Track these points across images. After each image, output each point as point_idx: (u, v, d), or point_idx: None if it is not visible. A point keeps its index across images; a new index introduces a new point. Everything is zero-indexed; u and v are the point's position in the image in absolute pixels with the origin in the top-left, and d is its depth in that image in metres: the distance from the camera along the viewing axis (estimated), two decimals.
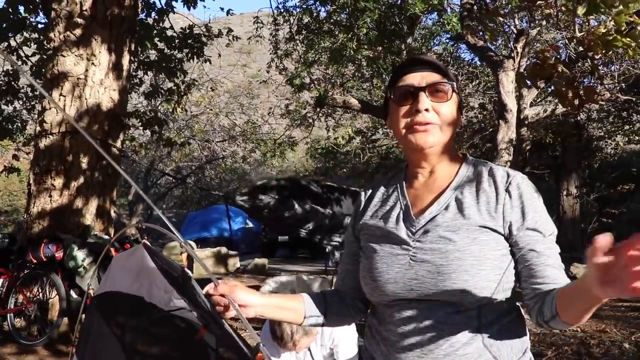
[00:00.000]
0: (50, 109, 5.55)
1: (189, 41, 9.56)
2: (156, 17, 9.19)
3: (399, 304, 1.32)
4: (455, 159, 1.41)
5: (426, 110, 1.31)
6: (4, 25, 8.12)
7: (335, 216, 8.75)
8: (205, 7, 32.04)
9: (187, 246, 1.50)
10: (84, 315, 2.08)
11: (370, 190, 1.53)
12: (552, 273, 1.24)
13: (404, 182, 1.45)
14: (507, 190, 1.29)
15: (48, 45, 5.87)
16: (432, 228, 1.31)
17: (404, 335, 1.29)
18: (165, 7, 9.13)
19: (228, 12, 11.05)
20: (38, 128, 5.78)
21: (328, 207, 9.59)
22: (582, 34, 4.10)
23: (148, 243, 1.73)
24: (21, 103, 10.37)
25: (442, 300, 1.24)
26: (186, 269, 1.54)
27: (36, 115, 3.51)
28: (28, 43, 8.93)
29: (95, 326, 1.96)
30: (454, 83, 1.37)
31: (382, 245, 1.37)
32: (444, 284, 1.22)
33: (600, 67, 9.39)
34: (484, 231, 1.26)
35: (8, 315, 5.31)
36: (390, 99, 1.40)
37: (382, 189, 1.50)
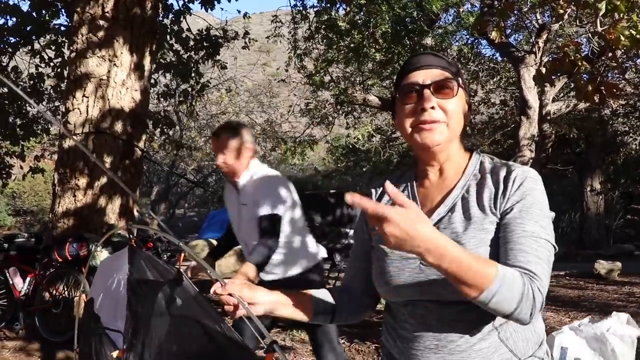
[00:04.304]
0: (74, 109, 5.64)
1: (205, 43, 9.60)
2: (173, 18, 9.26)
3: (412, 304, 1.32)
4: (464, 155, 1.40)
5: (432, 108, 1.29)
6: (29, 28, 8.27)
7: (333, 223, 8.73)
8: (222, 9, 32.20)
9: (185, 247, 1.50)
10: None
11: (381, 189, 1.51)
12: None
13: (414, 182, 1.44)
14: (506, 185, 1.27)
15: (71, 47, 5.96)
16: (440, 230, 1.27)
17: (419, 332, 1.30)
18: (182, 8, 9.19)
19: (245, 15, 11.09)
20: (62, 129, 5.88)
21: (324, 215, 9.45)
22: (604, 27, 4.04)
23: (134, 245, 1.71)
24: (45, 104, 10.55)
25: (455, 301, 1.23)
26: (181, 270, 1.53)
27: (60, 116, 3.57)
28: (51, 46, 9.08)
29: (86, 329, 1.99)
30: (460, 79, 1.35)
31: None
32: (452, 287, 1.19)
33: (623, 61, 9.24)
34: (489, 231, 1.25)
35: (35, 312, 5.43)
36: (396, 98, 1.38)
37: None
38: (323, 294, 1.48)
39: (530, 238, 1.20)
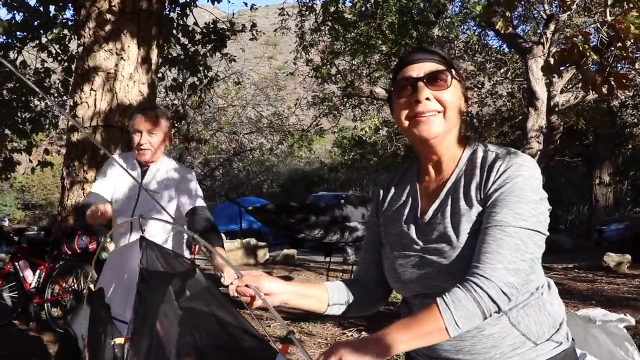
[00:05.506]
0: (82, 103, 5.66)
1: (212, 36, 9.58)
2: (179, 11, 9.23)
3: (422, 296, 1.35)
4: (460, 147, 1.39)
5: (427, 99, 1.30)
6: (36, 23, 8.28)
7: (342, 220, 8.78)
8: (229, 1, 32.14)
9: (200, 239, 1.49)
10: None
11: (388, 183, 1.54)
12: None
13: (416, 177, 1.46)
14: (489, 174, 1.27)
15: (78, 42, 5.97)
16: (435, 226, 1.32)
17: None
18: (188, 1, 9.17)
19: (252, 8, 11.05)
20: (70, 122, 5.90)
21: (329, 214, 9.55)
22: (613, 17, 4.01)
23: (145, 236, 1.69)
24: (53, 99, 10.56)
25: None
26: (195, 262, 1.53)
27: (67, 110, 3.62)
28: (59, 40, 9.09)
29: (91, 320, 2.00)
30: (454, 70, 1.35)
31: (397, 246, 1.40)
32: (454, 281, 1.22)
33: (633, 52, 9.16)
34: (478, 222, 1.26)
35: (45, 304, 5.48)
36: (392, 93, 1.40)
37: (397, 183, 1.51)
38: (338, 286, 1.50)
39: (497, 228, 1.21)
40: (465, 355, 1.30)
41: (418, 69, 1.34)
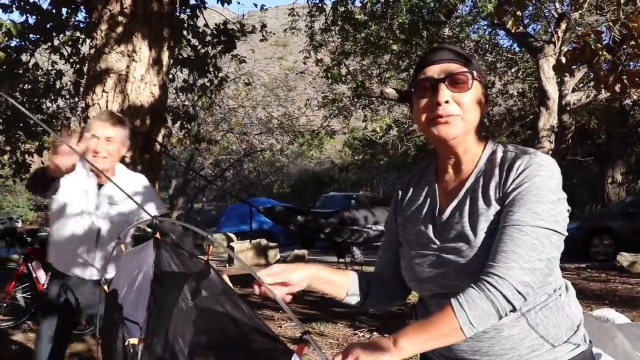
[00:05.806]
0: (94, 105, 5.69)
1: (222, 37, 9.61)
2: (190, 12, 9.27)
3: (438, 296, 1.35)
4: (480, 146, 1.39)
5: (446, 102, 1.30)
6: (48, 25, 8.36)
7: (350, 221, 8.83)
8: (239, 2, 32.17)
9: (213, 240, 1.49)
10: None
11: (407, 183, 1.54)
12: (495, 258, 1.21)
13: (434, 177, 1.46)
14: (509, 174, 1.27)
15: (90, 44, 6.02)
16: (453, 225, 1.32)
17: None
18: (198, 2, 9.21)
19: (262, 8, 11.08)
20: (82, 124, 5.94)
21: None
22: (626, 15, 3.98)
23: (159, 237, 1.69)
24: (64, 101, 10.65)
25: None
26: (209, 263, 1.54)
27: (79, 112, 3.65)
28: (70, 42, 9.17)
29: (105, 321, 2.01)
30: (475, 71, 1.34)
31: (415, 245, 1.40)
32: (471, 281, 1.22)
33: None
34: (495, 221, 1.26)
35: None
36: (412, 92, 1.40)
37: (416, 183, 1.52)
38: (360, 277, 1.51)
39: (514, 227, 1.20)
40: (482, 356, 1.30)
41: (439, 70, 1.33)
